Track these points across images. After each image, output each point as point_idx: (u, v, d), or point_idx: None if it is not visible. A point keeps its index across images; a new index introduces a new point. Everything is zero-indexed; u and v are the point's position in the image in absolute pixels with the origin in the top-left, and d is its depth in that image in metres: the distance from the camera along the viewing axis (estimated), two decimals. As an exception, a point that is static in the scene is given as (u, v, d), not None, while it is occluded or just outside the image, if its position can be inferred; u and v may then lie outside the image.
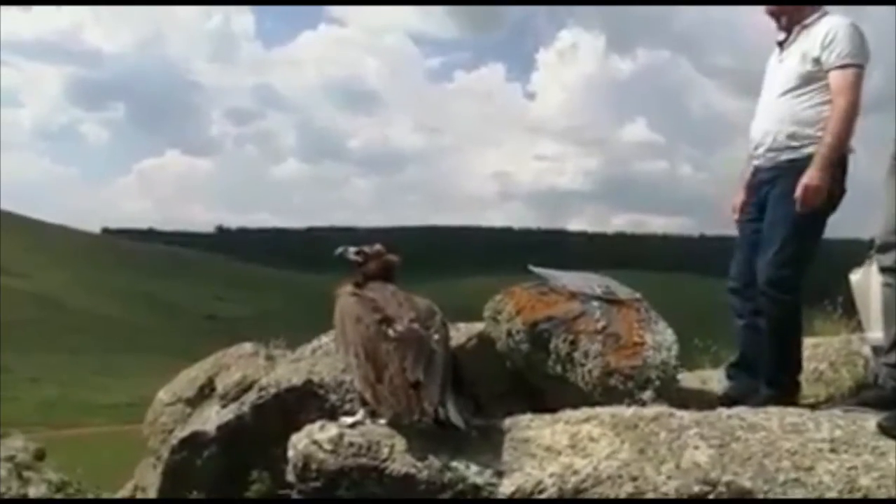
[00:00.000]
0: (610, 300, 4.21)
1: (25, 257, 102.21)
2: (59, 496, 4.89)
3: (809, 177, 4.00)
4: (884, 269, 3.57)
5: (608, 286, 4.36)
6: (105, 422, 43.84)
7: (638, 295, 4.38)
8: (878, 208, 3.63)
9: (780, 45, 4.36)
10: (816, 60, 4.11)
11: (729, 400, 3.88)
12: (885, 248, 3.53)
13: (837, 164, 4.05)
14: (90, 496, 5.06)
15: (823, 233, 4.15)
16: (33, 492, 4.77)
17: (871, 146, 4.38)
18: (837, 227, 4.19)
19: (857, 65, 4.09)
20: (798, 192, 3.99)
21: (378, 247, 3.90)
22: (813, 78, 4.13)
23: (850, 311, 5.04)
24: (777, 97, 4.25)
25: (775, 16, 4.36)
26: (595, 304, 4.16)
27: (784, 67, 4.28)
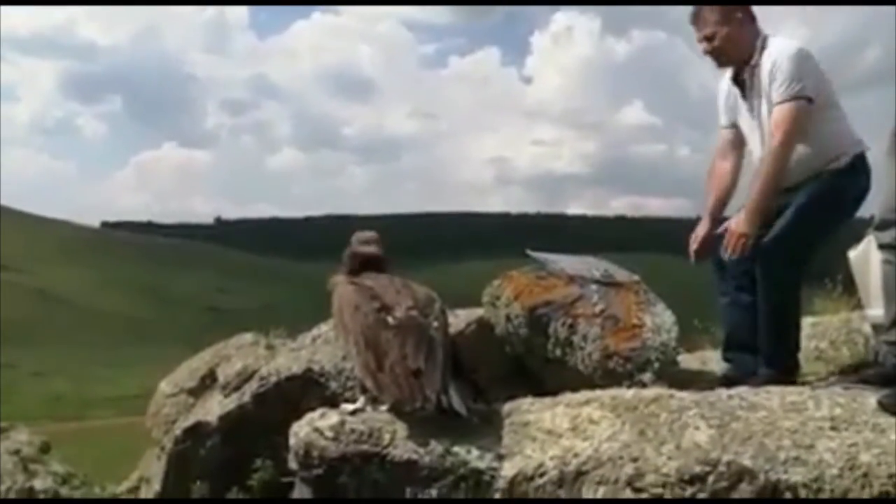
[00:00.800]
0: (608, 283, 4.22)
1: (26, 253, 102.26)
2: (64, 489, 4.92)
3: (736, 223, 3.97)
4: (882, 246, 3.56)
5: (606, 269, 4.37)
6: (110, 414, 43.96)
7: (636, 277, 4.39)
8: (878, 186, 3.63)
9: (739, 84, 4.18)
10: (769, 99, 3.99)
11: (728, 381, 3.88)
12: (884, 226, 3.53)
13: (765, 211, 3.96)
14: (96, 488, 5.08)
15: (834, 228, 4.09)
16: (39, 484, 4.79)
17: (870, 122, 4.36)
18: None
19: (796, 97, 3.91)
20: (726, 237, 3.97)
21: (362, 235, 3.87)
22: None
23: (850, 289, 5.04)
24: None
25: (715, 57, 4.17)
26: (593, 287, 4.17)
27: (761, 120, 4.10)
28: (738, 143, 4.28)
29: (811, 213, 3.97)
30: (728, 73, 4.24)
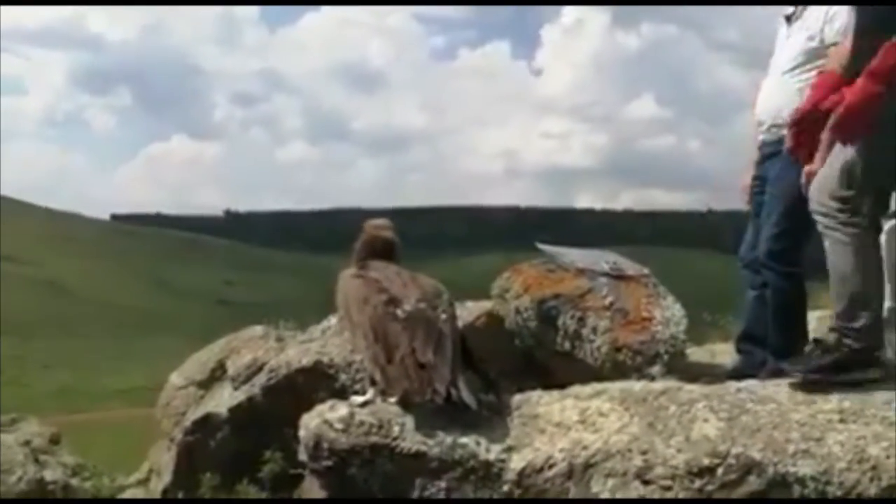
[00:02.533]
0: (618, 276, 4.22)
1: (36, 245, 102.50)
2: (74, 480, 4.94)
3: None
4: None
5: (616, 262, 4.37)
6: (119, 406, 44.08)
7: (646, 270, 4.38)
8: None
9: (788, 19, 4.33)
10: (820, 37, 4.08)
11: (738, 374, 3.88)
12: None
13: None
14: (106, 480, 5.10)
15: None
16: (49, 475, 4.81)
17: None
18: None
19: None
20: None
21: (375, 222, 3.90)
22: (817, 55, 4.09)
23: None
24: (782, 74, 4.23)
25: None
26: (603, 280, 4.17)
27: (790, 44, 4.25)
28: None
29: (794, 196, 3.94)
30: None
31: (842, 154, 3.40)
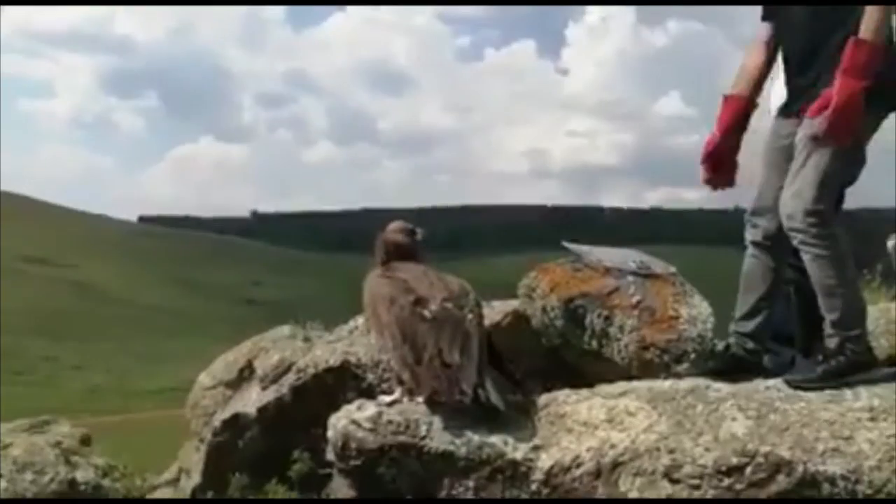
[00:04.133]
0: (645, 274, 4.20)
1: (66, 247, 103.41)
2: (106, 481, 4.97)
3: None
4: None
5: (643, 261, 4.34)
6: (150, 407, 44.35)
7: (673, 269, 4.36)
8: None
9: None
10: None
11: (766, 372, 3.86)
12: None
13: None
14: (137, 480, 5.14)
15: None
16: (81, 476, 4.85)
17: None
18: (863, 195, 4.07)
19: None
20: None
21: (394, 225, 3.91)
22: None
23: (888, 280, 4.99)
24: None
25: None
26: (630, 278, 4.15)
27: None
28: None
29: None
30: None
31: (816, 166, 3.40)
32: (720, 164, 3.91)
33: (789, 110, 3.65)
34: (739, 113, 3.86)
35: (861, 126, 3.38)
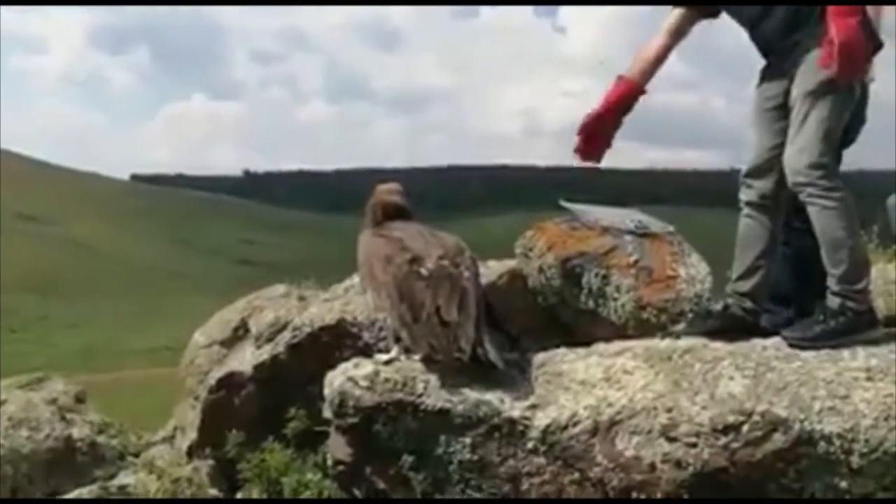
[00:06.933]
0: (642, 234, 4.18)
1: (59, 206, 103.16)
2: (101, 437, 4.98)
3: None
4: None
5: (641, 220, 4.33)
6: (145, 365, 44.45)
7: (671, 228, 4.34)
8: None
9: None
10: None
11: (765, 332, 3.85)
12: None
13: None
14: (132, 437, 5.15)
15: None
16: (76, 433, 4.86)
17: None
18: (866, 158, 4.06)
19: None
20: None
21: (385, 186, 3.90)
22: None
23: (886, 241, 4.97)
24: None
25: None
26: (627, 238, 4.13)
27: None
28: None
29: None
30: None
31: (818, 120, 3.41)
32: (594, 137, 4.00)
33: (775, 72, 3.64)
34: (628, 96, 3.95)
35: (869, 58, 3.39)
